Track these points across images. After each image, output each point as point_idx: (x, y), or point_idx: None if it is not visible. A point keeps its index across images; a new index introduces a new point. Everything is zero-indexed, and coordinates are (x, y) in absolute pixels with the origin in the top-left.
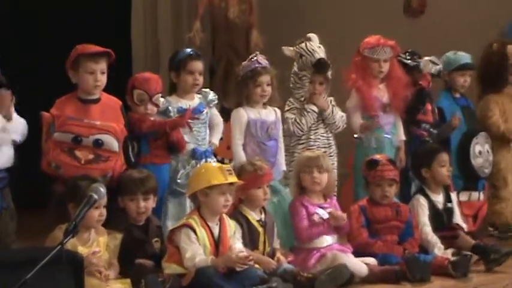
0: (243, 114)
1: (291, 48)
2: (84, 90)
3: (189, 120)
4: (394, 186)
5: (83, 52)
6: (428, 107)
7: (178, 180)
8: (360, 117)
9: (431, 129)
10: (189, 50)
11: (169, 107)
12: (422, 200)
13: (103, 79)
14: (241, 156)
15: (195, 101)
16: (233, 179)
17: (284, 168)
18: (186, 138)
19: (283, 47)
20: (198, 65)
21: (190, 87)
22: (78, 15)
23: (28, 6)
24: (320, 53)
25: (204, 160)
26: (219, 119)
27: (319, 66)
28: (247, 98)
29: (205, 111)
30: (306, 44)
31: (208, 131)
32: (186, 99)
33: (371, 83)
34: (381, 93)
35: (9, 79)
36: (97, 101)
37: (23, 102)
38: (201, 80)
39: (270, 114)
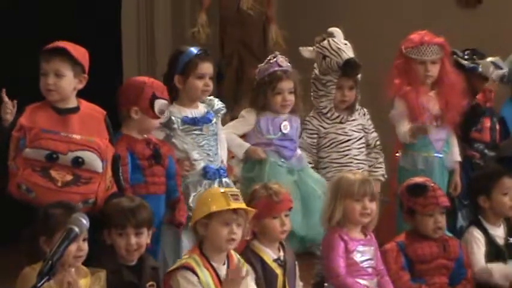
0: (253, 115)
1: (311, 48)
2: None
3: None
4: (444, 215)
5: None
6: (487, 123)
7: (191, 205)
8: (407, 124)
9: (485, 151)
10: (195, 48)
11: (173, 118)
12: (476, 233)
13: (59, 83)
14: (238, 140)
15: (199, 109)
16: (238, 204)
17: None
18: (196, 154)
19: (300, 48)
20: (209, 67)
21: (200, 94)
22: (78, 14)
23: (28, 6)
24: (347, 51)
25: (218, 180)
26: (223, 134)
27: (349, 68)
28: (264, 107)
29: (213, 121)
30: (328, 41)
31: (219, 145)
32: (191, 108)
33: (418, 89)
34: (431, 102)
35: (9, 79)
36: (75, 110)
37: (22, 103)
38: (211, 85)
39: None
